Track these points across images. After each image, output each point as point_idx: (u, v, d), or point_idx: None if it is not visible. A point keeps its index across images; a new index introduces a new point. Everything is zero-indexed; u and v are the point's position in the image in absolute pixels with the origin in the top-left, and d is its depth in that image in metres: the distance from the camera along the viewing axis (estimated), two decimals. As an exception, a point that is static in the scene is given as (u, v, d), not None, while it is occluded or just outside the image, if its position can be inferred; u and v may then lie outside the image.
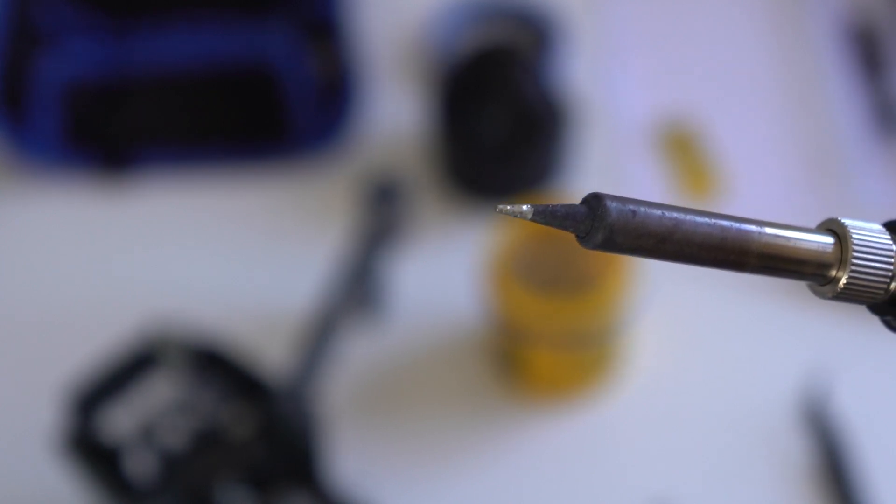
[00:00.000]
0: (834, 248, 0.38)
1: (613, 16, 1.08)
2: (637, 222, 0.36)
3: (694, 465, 0.87)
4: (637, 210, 0.36)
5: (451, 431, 0.88)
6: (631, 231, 0.36)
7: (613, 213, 0.36)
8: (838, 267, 0.38)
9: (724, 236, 0.37)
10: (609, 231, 0.36)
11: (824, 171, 0.99)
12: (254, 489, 0.78)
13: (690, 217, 0.37)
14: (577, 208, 0.36)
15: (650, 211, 0.36)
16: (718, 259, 0.37)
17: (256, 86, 1.01)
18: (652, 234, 0.36)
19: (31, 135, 1.00)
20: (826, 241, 0.38)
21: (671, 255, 0.37)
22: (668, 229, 0.36)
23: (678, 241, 0.37)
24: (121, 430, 0.78)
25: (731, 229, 0.37)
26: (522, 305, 0.84)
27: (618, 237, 0.36)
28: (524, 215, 0.36)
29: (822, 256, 0.38)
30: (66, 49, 1.02)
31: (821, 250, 0.38)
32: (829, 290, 0.39)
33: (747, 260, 0.37)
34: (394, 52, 1.06)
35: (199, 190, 1.00)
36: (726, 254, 0.37)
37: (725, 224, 0.37)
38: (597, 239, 0.36)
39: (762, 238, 0.37)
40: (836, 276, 0.38)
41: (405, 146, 1.01)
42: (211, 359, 0.80)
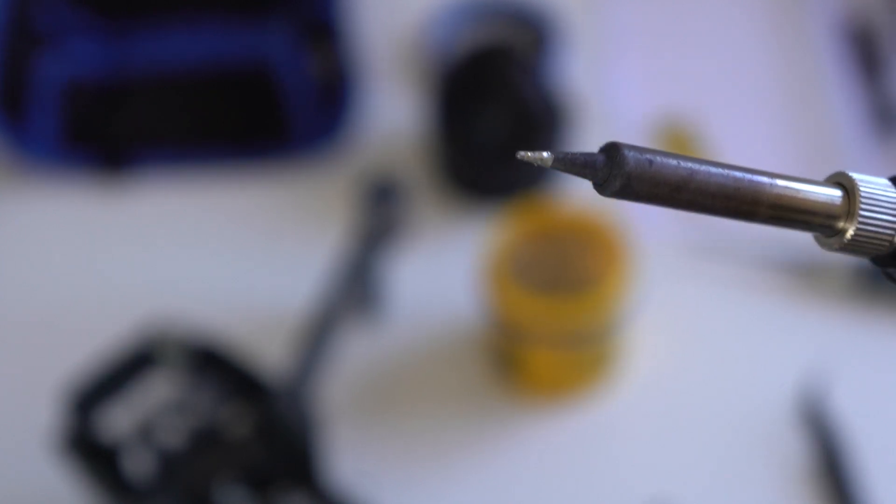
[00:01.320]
0: (842, 200, 0.39)
1: (612, 15, 1.08)
2: (654, 171, 0.37)
3: (692, 464, 0.87)
4: (654, 159, 0.37)
5: (449, 431, 0.88)
6: (647, 179, 0.37)
7: (631, 161, 0.37)
8: (845, 219, 0.39)
9: (736, 186, 0.38)
10: (626, 178, 0.37)
11: (823, 170, 0.99)
12: (252, 489, 0.78)
13: (705, 167, 0.38)
14: (596, 156, 0.37)
15: (666, 160, 0.37)
16: (731, 208, 0.38)
17: (255, 86, 1.01)
18: (667, 183, 0.37)
19: (31, 135, 1.00)
20: (834, 194, 0.39)
21: (685, 204, 0.38)
22: (682, 178, 0.37)
23: (693, 191, 0.38)
24: (119, 430, 0.78)
25: (743, 180, 0.38)
26: (520, 305, 0.85)
27: (635, 184, 0.37)
28: (545, 162, 0.37)
29: (830, 208, 0.39)
30: (65, 49, 1.02)
31: (829, 202, 0.39)
32: (836, 241, 0.39)
33: (758, 210, 0.38)
34: (392, 52, 1.07)
35: (197, 190, 1.00)
36: (739, 203, 0.38)
37: (738, 175, 0.38)
38: (615, 186, 0.37)
39: (773, 189, 0.38)
40: (842, 228, 0.39)
41: (404, 146, 1.01)
42: (209, 358, 0.81)
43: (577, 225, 0.87)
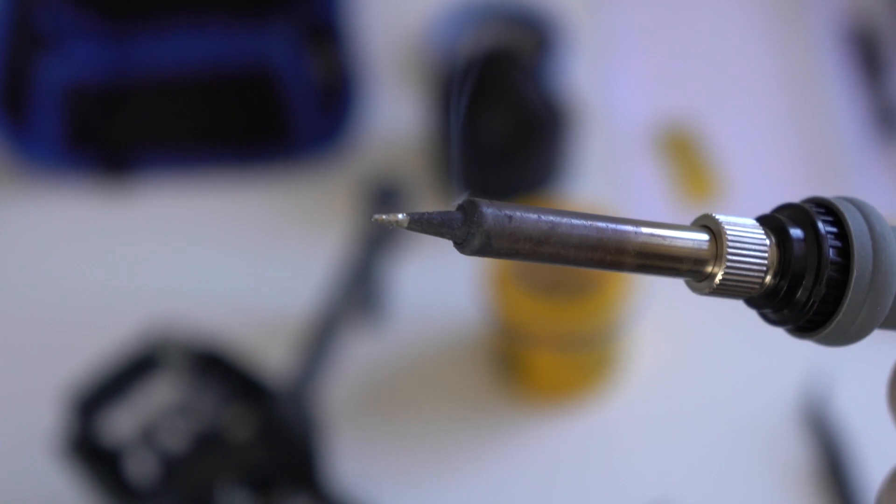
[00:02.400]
0: (709, 244, 0.39)
1: (613, 18, 1.08)
2: (513, 227, 0.36)
3: (694, 467, 0.87)
4: (513, 214, 0.36)
5: (451, 434, 0.88)
6: (507, 236, 0.36)
7: (489, 218, 0.36)
8: (714, 263, 0.39)
9: (600, 237, 0.37)
10: (486, 237, 0.36)
11: (824, 173, 0.99)
12: (254, 491, 0.78)
13: (567, 219, 0.37)
14: (453, 215, 0.37)
15: (526, 215, 0.37)
16: (596, 259, 0.38)
17: (257, 88, 1.01)
18: (528, 238, 0.37)
19: (33, 138, 1.00)
20: (701, 238, 0.39)
21: (549, 258, 0.37)
22: (543, 233, 0.37)
23: (555, 244, 0.37)
24: (122, 433, 0.78)
25: (607, 230, 0.37)
26: (523, 308, 0.85)
27: (494, 242, 0.36)
28: (400, 224, 0.36)
29: (697, 253, 0.38)
30: (67, 52, 1.02)
31: (696, 247, 0.38)
32: (706, 286, 0.39)
33: (624, 259, 0.38)
34: (394, 54, 1.07)
35: (200, 193, 1.00)
36: (603, 254, 0.37)
37: (601, 225, 0.37)
38: (474, 245, 0.36)
39: (638, 238, 0.38)
40: (712, 272, 0.39)
41: (406, 149, 1.01)
42: (211, 361, 0.81)
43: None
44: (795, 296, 0.39)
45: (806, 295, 0.39)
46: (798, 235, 0.39)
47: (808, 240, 0.39)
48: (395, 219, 0.36)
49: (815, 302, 0.38)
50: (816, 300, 0.38)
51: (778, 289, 0.39)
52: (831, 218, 0.39)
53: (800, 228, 0.39)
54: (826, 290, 0.38)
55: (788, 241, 0.39)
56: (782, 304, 0.39)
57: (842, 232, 0.39)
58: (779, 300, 0.39)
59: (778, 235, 0.39)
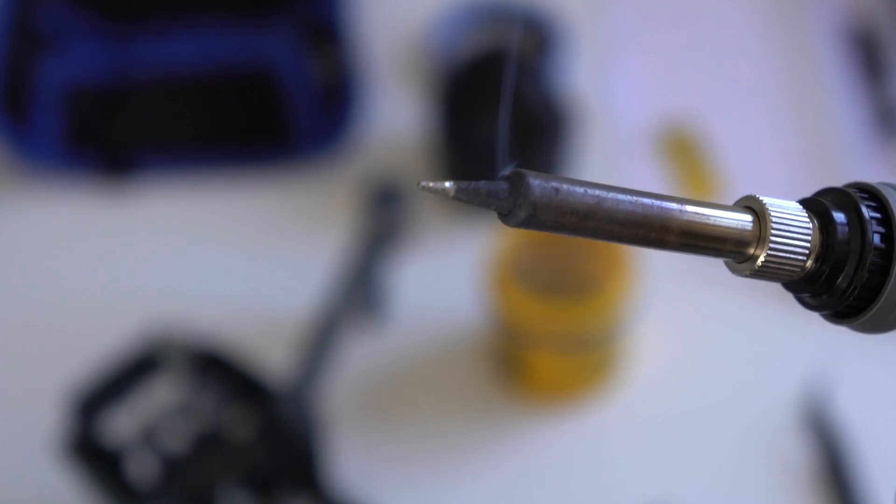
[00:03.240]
0: (753, 225, 0.38)
1: (614, 19, 1.08)
2: (560, 199, 0.36)
3: (695, 467, 0.87)
4: (560, 187, 0.36)
5: (452, 434, 0.88)
6: (553, 208, 0.36)
7: (536, 190, 0.36)
8: (756, 245, 0.38)
9: (645, 214, 0.37)
10: (532, 208, 0.36)
11: (824, 173, 0.99)
12: (255, 492, 0.78)
13: (612, 194, 0.37)
14: (500, 185, 0.36)
15: (573, 188, 0.36)
16: (640, 236, 0.37)
17: (258, 89, 1.01)
18: (574, 212, 0.36)
19: (33, 138, 1.00)
20: (745, 219, 0.38)
21: (593, 233, 0.37)
22: (590, 207, 0.36)
23: (600, 219, 0.37)
24: (122, 433, 0.78)
25: (652, 207, 0.37)
26: (523, 309, 0.85)
27: (540, 214, 0.36)
28: (447, 193, 0.36)
29: (740, 234, 0.38)
30: (67, 52, 1.02)
31: (740, 228, 0.38)
32: (747, 267, 0.38)
33: (668, 237, 0.37)
34: (395, 55, 1.07)
35: (200, 193, 1.00)
36: (648, 231, 0.37)
37: (647, 202, 0.37)
38: (520, 216, 0.36)
39: (683, 216, 0.37)
40: (754, 254, 0.38)
41: (406, 149, 1.01)
42: (212, 362, 0.81)
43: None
44: (836, 281, 0.38)
45: (847, 280, 0.38)
46: (841, 220, 0.38)
47: (851, 224, 0.38)
48: (441, 187, 0.36)
49: (857, 287, 0.38)
50: (858, 286, 0.38)
51: (819, 273, 0.38)
52: (875, 203, 0.39)
53: (843, 212, 0.39)
54: (868, 275, 0.38)
55: (832, 224, 0.38)
56: (822, 290, 0.39)
57: (885, 217, 0.38)
58: (819, 285, 0.39)
59: (821, 219, 0.39)
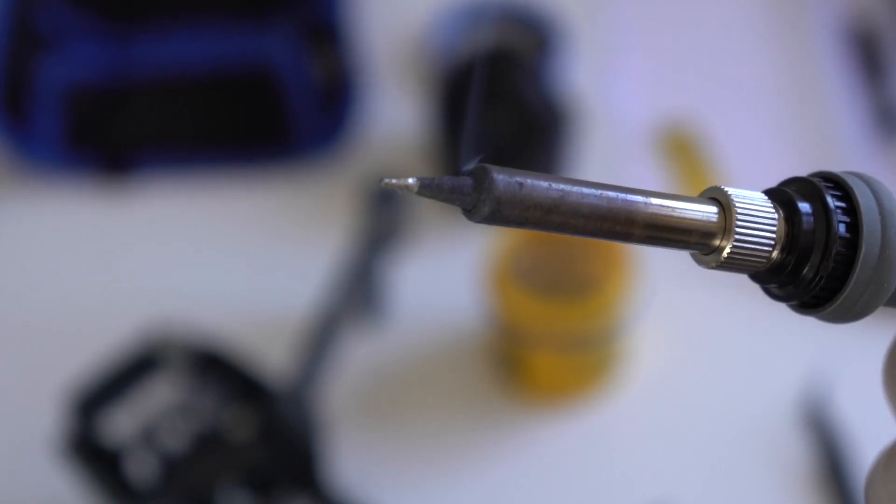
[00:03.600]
0: (718, 217, 0.38)
1: (614, 19, 1.08)
2: (524, 194, 0.36)
3: (695, 467, 0.87)
4: (524, 182, 0.36)
5: (451, 434, 0.88)
6: (517, 203, 0.36)
7: (500, 185, 0.36)
8: (722, 236, 0.38)
9: (610, 207, 0.37)
10: (496, 203, 0.36)
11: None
12: (254, 492, 0.78)
13: (577, 188, 0.37)
14: (464, 181, 0.36)
15: (537, 182, 0.36)
16: (605, 230, 0.37)
17: (258, 89, 1.01)
18: (539, 206, 0.36)
19: (33, 138, 1.00)
20: (710, 211, 0.38)
21: (558, 227, 0.37)
22: (554, 200, 0.36)
23: (565, 213, 0.36)
24: (122, 433, 0.78)
25: (617, 199, 0.37)
26: (523, 308, 0.85)
27: (504, 209, 0.36)
28: (410, 189, 0.36)
29: (706, 226, 0.38)
30: (67, 52, 1.02)
31: (705, 219, 0.38)
32: (713, 259, 0.38)
33: (633, 230, 0.37)
34: (395, 55, 1.07)
35: (200, 193, 1.00)
36: (612, 224, 0.37)
37: (612, 195, 0.37)
38: (484, 211, 0.36)
39: (648, 208, 0.37)
40: (719, 246, 0.38)
41: (406, 149, 1.01)
42: (212, 361, 0.81)
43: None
44: (802, 271, 0.38)
45: (813, 271, 0.38)
46: (806, 210, 0.38)
47: (816, 214, 0.38)
48: (405, 183, 0.36)
49: (823, 277, 0.38)
50: (823, 276, 0.38)
51: (785, 264, 0.38)
52: (840, 193, 0.38)
53: (808, 202, 0.38)
54: (833, 265, 0.38)
55: (797, 215, 0.38)
56: (788, 280, 0.39)
57: (850, 207, 0.38)
58: (785, 275, 0.38)
59: (786, 209, 0.38)
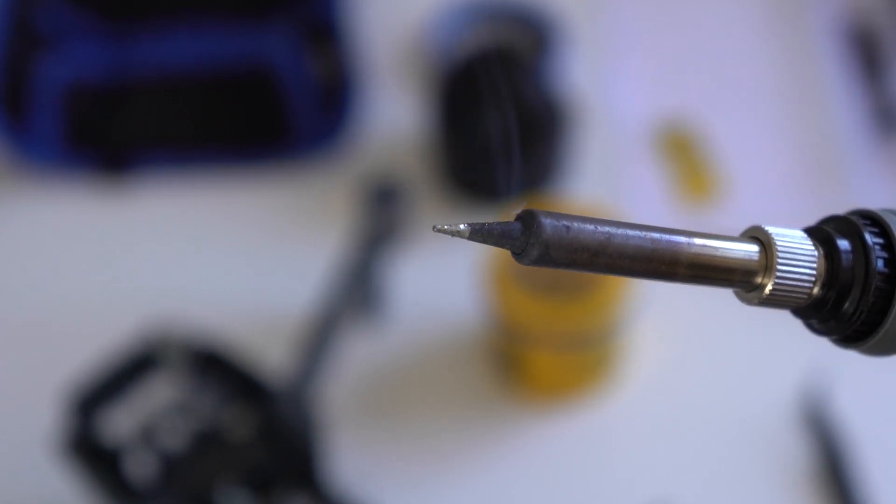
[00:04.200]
0: (759, 255, 0.39)
1: (613, 18, 1.08)
2: (571, 237, 0.37)
3: (694, 466, 0.87)
4: (571, 225, 0.37)
5: (450, 433, 0.88)
6: (565, 246, 0.37)
7: (548, 229, 0.37)
8: (764, 274, 0.39)
9: (654, 248, 0.38)
10: (544, 247, 0.37)
11: (824, 172, 0.99)
12: (254, 491, 0.78)
13: (622, 230, 0.38)
14: (512, 226, 0.37)
15: (583, 226, 0.37)
16: (650, 270, 0.38)
17: (257, 88, 1.01)
18: (586, 248, 0.37)
19: (32, 137, 1.00)
20: (752, 250, 0.39)
21: (605, 268, 0.38)
22: (600, 243, 0.37)
23: (611, 255, 0.38)
24: (121, 432, 0.78)
25: (661, 241, 0.38)
26: (522, 307, 0.85)
27: (553, 252, 0.37)
28: (461, 234, 0.37)
29: (748, 264, 0.39)
30: (66, 52, 1.02)
31: (747, 258, 0.39)
32: (755, 296, 0.40)
33: (678, 270, 0.39)
34: (394, 54, 1.07)
35: (199, 192, 1.00)
36: (657, 265, 0.38)
37: (656, 236, 0.38)
38: (533, 255, 0.37)
39: (691, 248, 0.39)
40: (761, 283, 0.39)
41: (405, 148, 1.01)
42: (211, 360, 0.81)
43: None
44: (843, 307, 0.40)
45: (854, 306, 0.39)
46: (845, 247, 0.40)
47: (855, 251, 0.40)
48: (456, 229, 0.37)
49: (863, 312, 0.39)
50: (864, 310, 0.39)
51: (826, 300, 0.40)
52: (877, 229, 0.40)
53: (847, 240, 0.40)
54: (873, 300, 0.39)
55: (836, 252, 0.40)
56: (829, 315, 0.40)
57: (887, 243, 0.40)
58: (826, 311, 0.40)
59: (825, 247, 0.40)
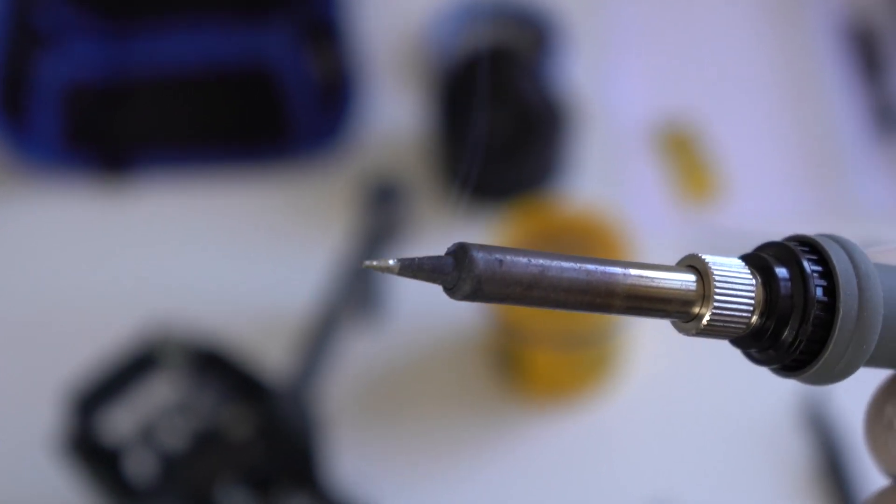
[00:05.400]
0: (696, 285, 0.38)
1: (613, 16, 1.08)
2: (503, 271, 0.36)
3: (693, 465, 0.87)
4: (503, 258, 0.36)
5: (450, 432, 0.88)
6: (498, 280, 0.36)
7: (480, 263, 0.36)
8: (701, 304, 0.38)
9: (589, 280, 0.37)
10: (477, 282, 0.36)
11: (823, 171, 0.99)
12: (253, 490, 0.78)
13: (556, 262, 0.37)
14: (444, 261, 0.36)
15: (516, 258, 0.36)
16: (585, 302, 0.38)
17: (257, 87, 1.01)
18: (519, 282, 0.36)
19: (31, 136, 1.00)
20: (689, 279, 0.38)
21: (539, 301, 0.37)
22: (534, 276, 0.37)
23: (545, 287, 0.37)
24: (121, 431, 0.78)
25: (596, 272, 0.37)
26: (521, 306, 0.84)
27: (485, 287, 0.36)
28: (391, 270, 0.36)
29: (685, 294, 0.38)
30: (65, 50, 1.02)
31: (684, 289, 0.38)
32: (693, 326, 0.38)
33: (614, 302, 0.38)
34: (393, 53, 1.07)
35: (198, 191, 1.00)
36: (593, 297, 0.38)
37: (591, 268, 0.37)
38: (465, 290, 0.36)
39: (627, 279, 0.38)
40: (699, 313, 0.38)
41: (405, 147, 1.01)
42: (211, 360, 0.81)
43: (579, 225, 0.87)
44: (782, 336, 0.38)
45: (793, 335, 0.38)
46: (784, 274, 0.38)
47: (793, 279, 0.38)
48: (385, 264, 0.36)
49: (802, 341, 0.38)
50: (803, 339, 0.38)
51: (764, 329, 0.39)
52: (815, 256, 0.39)
53: (785, 267, 0.39)
54: (812, 329, 0.38)
55: (774, 280, 0.38)
56: (768, 344, 0.39)
57: (826, 270, 0.38)
58: (765, 340, 0.39)
59: (763, 275, 0.39)
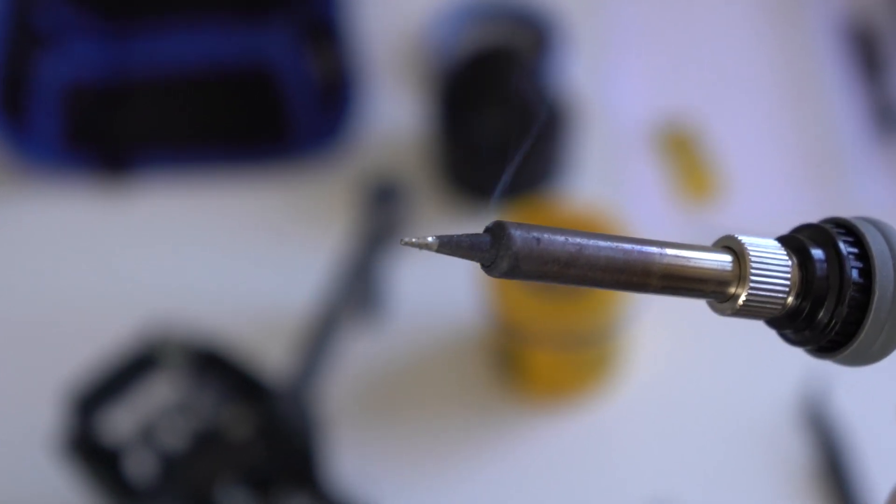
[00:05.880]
0: (733, 265, 0.39)
1: (613, 16, 1.08)
2: (541, 249, 0.37)
3: (693, 465, 0.87)
4: (541, 237, 0.37)
5: (450, 432, 0.88)
6: (535, 258, 0.37)
7: (518, 240, 0.36)
8: (737, 284, 0.39)
9: (626, 259, 0.38)
10: (514, 259, 0.36)
11: (823, 171, 0.99)
12: (253, 490, 0.78)
13: (593, 241, 0.37)
14: (482, 238, 0.37)
15: (554, 237, 0.37)
16: (622, 281, 0.38)
17: (257, 87, 1.01)
18: (556, 260, 0.37)
19: (32, 137, 1.00)
20: (725, 260, 0.39)
21: (576, 280, 0.37)
22: (571, 255, 0.37)
23: (582, 266, 0.37)
24: (121, 432, 0.78)
25: (633, 252, 0.38)
26: (522, 306, 0.85)
27: (523, 264, 0.36)
28: (430, 247, 0.37)
29: (721, 275, 0.39)
30: (66, 51, 1.02)
31: (720, 268, 0.39)
32: (729, 307, 0.39)
33: (650, 281, 0.38)
34: (393, 53, 1.07)
35: (198, 191, 1.00)
36: (630, 276, 0.38)
37: (627, 247, 0.38)
38: (503, 267, 0.36)
39: (663, 259, 0.38)
40: (735, 293, 0.39)
41: (405, 147, 1.01)
42: (211, 360, 0.81)
43: (579, 225, 0.87)
44: (817, 317, 0.39)
45: (828, 316, 0.39)
46: (819, 256, 0.39)
47: (829, 260, 0.39)
48: (424, 242, 0.37)
49: (838, 322, 0.39)
50: (838, 321, 0.39)
51: (800, 310, 0.39)
52: (851, 238, 0.39)
53: (821, 249, 0.39)
54: (848, 310, 0.38)
55: (810, 261, 0.39)
56: (804, 325, 0.39)
57: (862, 252, 0.39)
58: (800, 321, 0.39)
59: (799, 256, 0.39)
